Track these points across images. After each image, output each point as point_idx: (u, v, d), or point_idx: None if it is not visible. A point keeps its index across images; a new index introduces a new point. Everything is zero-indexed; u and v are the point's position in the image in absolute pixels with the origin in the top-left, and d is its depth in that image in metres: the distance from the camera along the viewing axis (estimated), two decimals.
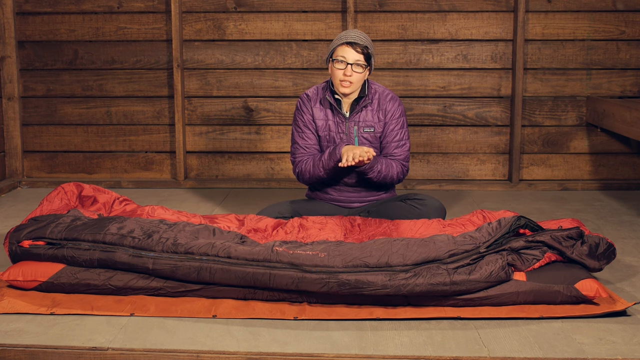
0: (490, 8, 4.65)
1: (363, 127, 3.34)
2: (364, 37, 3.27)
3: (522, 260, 2.59)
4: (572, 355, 2.20)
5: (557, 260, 2.66)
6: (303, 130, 3.39)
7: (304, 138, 3.38)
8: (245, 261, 2.56)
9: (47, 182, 4.81)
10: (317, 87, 3.45)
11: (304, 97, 3.42)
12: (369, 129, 3.35)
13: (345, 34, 3.28)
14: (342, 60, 3.23)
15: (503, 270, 2.52)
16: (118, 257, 2.63)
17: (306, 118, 3.38)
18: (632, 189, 4.66)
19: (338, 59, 3.24)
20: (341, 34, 3.30)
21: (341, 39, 3.26)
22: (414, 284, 2.48)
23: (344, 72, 3.24)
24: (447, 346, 2.26)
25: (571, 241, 2.66)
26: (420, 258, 2.55)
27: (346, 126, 3.34)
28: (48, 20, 4.76)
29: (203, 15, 4.72)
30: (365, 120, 3.34)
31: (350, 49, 3.23)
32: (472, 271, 2.51)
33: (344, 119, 3.34)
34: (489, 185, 4.71)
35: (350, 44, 3.23)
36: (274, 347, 2.26)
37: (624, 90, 4.69)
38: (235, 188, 4.75)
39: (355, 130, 3.34)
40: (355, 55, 3.23)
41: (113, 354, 2.25)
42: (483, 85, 4.72)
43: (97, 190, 3.28)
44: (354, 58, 3.23)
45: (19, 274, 2.65)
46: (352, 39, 3.24)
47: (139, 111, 4.82)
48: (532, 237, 2.65)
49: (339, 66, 3.24)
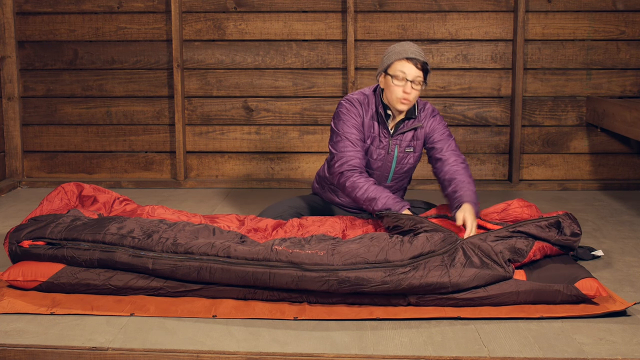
0: (490, 8, 4.65)
1: (405, 147, 3.23)
2: (422, 52, 3.11)
3: (516, 250, 2.63)
4: (572, 355, 2.20)
5: (547, 250, 2.71)
6: (353, 131, 3.17)
7: (357, 138, 3.16)
8: (245, 260, 2.56)
9: (47, 182, 4.81)
10: (363, 94, 3.26)
11: (355, 101, 3.22)
12: (409, 149, 3.24)
13: (404, 48, 3.09)
14: (403, 76, 3.06)
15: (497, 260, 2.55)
16: (118, 257, 2.63)
17: (358, 121, 3.18)
18: (632, 189, 4.66)
19: (397, 75, 3.07)
20: (398, 48, 3.12)
21: (401, 53, 3.08)
22: (412, 276, 2.49)
23: (404, 89, 3.07)
24: (447, 346, 2.26)
25: (553, 229, 2.73)
26: (417, 252, 2.58)
27: (389, 144, 3.21)
28: (48, 20, 4.76)
29: (203, 15, 4.72)
30: (406, 139, 3.23)
31: (411, 65, 3.05)
32: (467, 263, 2.55)
33: (388, 135, 3.21)
34: (489, 185, 4.71)
35: (411, 60, 3.05)
36: (274, 347, 2.26)
37: (624, 90, 4.69)
38: (235, 188, 4.75)
39: (396, 150, 3.22)
40: (416, 71, 3.06)
41: (113, 354, 2.25)
42: (483, 85, 4.72)
43: (97, 190, 3.28)
44: (414, 74, 3.06)
45: (19, 274, 2.65)
46: (413, 54, 3.06)
47: (139, 111, 4.82)
48: (514, 227, 2.70)
49: (399, 83, 3.07)
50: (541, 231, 2.70)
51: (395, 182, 3.34)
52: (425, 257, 2.57)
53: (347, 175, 3.12)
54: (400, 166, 3.28)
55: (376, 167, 3.28)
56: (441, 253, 2.58)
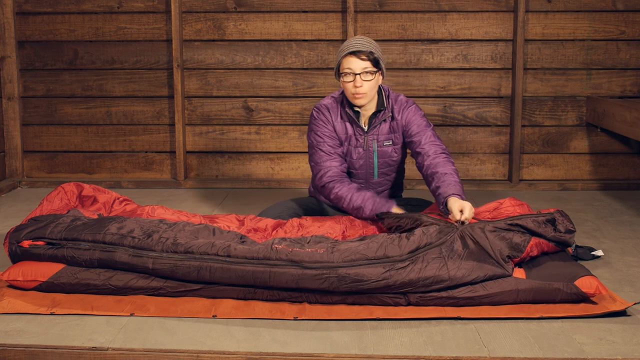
0: (490, 8, 4.65)
1: (383, 140, 3.24)
2: (367, 42, 3.12)
3: (513, 246, 2.64)
4: (572, 355, 2.20)
5: (544, 246, 2.71)
6: (325, 140, 3.22)
7: (329, 146, 3.21)
8: (245, 259, 2.56)
9: (47, 182, 4.81)
10: (331, 98, 3.30)
11: (323, 107, 3.26)
12: (387, 142, 3.24)
13: (346, 45, 3.13)
14: (349, 72, 3.09)
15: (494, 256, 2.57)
16: (118, 257, 2.64)
17: (329, 128, 3.22)
18: (632, 189, 4.66)
19: (345, 72, 3.10)
20: (343, 45, 3.15)
21: (343, 50, 3.12)
22: (411, 270, 2.51)
23: (354, 84, 3.09)
24: (447, 346, 2.26)
25: (549, 225, 2.74)
26: (414, 246, 2.59)
27: (365, 140, 3.22)
28: (48, 20, 4.76)
29: (203, 15, 4.72)
30: (383, 133, 3.23)
31: (354, 59, 3.08)
32: (465, 254, 2.57)
33: (363, 132, 3.22)
34: (489, 185, 4.71)
35: (353, 54, 3.08)
36: (274, 347, 2.26)
37: (624, 90, 4.69)
38: (235, 188, 4.75)
39: (375, 145, 3.23)
40: (361, 63, 3.08)
41: (113, 354, 2.25)
42: (483, 85, 4.72)
43: (97, 190, 3.28)
44: (360, 67, 3.08)
45: (19, 274, 2.65)
46: (354, 47, 3.08)
47: (139, 111, 4.82)
48: (512, 220, 2.71)
49: (348, 79, 3.10)
50: (538, 226, 2.70)
51: (383, 178, 3.35)
52: (423, 249, 2.58)
53: (329, 187, 3.19)
54: (384, 160, 3.28)
55: (359, 165, 3.30)
56: (438, 244, 2.60)
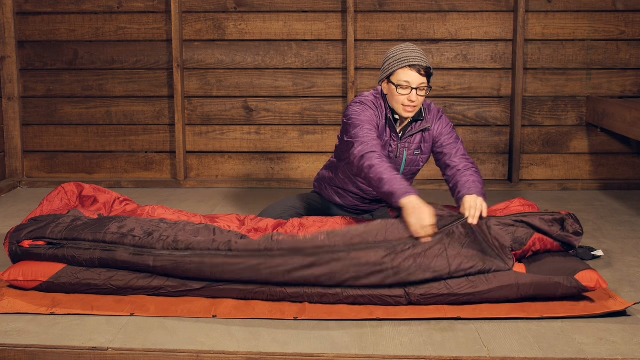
0: (490, 8, 4.65)
1: (414, 149, 3.17)
2: (424, 55, 3.01)
3: (515, 238, 2.65)
4: (572, 355, 2.20)
5: (548, 244, 2.72)
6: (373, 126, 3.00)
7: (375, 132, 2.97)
8: (246, 252, 2.56)
9: (47, 182, 4.81)
10: (372, 96, 3.13)
11: (370, 103, 3.08)
12: (417, 152, 3.17)
13: (405, 55, 2.98)
14: (407, 85, 2.96)
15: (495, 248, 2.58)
16: (119, 255, 2.64)
17: (375, 122, 3.03)
18: (632, 189, 4.66)
19: (402, 85, 2.96)
20: (399, 54, 3.00)
21: (403, 61, 2.97)
22: (410, 253, 2.52)
23: (409, 97, 2.97)
24: (447, 346, 2.26)
25: (556, 224, 2.75)
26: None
27: (398, 147, 3.14)
28: (48, 20, 4.76)
29: (203, 15, 4.72)
30: (415, 142, 3.16)
31: (414, 73, 2.95)
32: (466, 243, 2.59)
33: (397, 139, 3.13)
34: (489, 185, 4.71)
35: (414, 67, 2.94)
36: (274, 347, 2.26)
37: (624, 90, 4.69)
38: (235, 188, 4.75)
39: (405, 153, 3.15)
40: (420, 78, 2.95)
41: (113, 354, 2.25)
42: (483, 85, 4.72)
43: (97, 190, 3.28)
44: (418, 82, 2.95)
45: (19, 274, 2.65)
46: (415, 61, 2.95)
47: (139, 111, 4.82)
48: (517, 216, 2.71)
49: (403, 92, 2.97)
50: (544, 224, 2.71)
51: None
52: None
53: (367, 157, 2.89)
54: (409, 168, 3.23)
55: None
56: (440, 231, 2.60)
